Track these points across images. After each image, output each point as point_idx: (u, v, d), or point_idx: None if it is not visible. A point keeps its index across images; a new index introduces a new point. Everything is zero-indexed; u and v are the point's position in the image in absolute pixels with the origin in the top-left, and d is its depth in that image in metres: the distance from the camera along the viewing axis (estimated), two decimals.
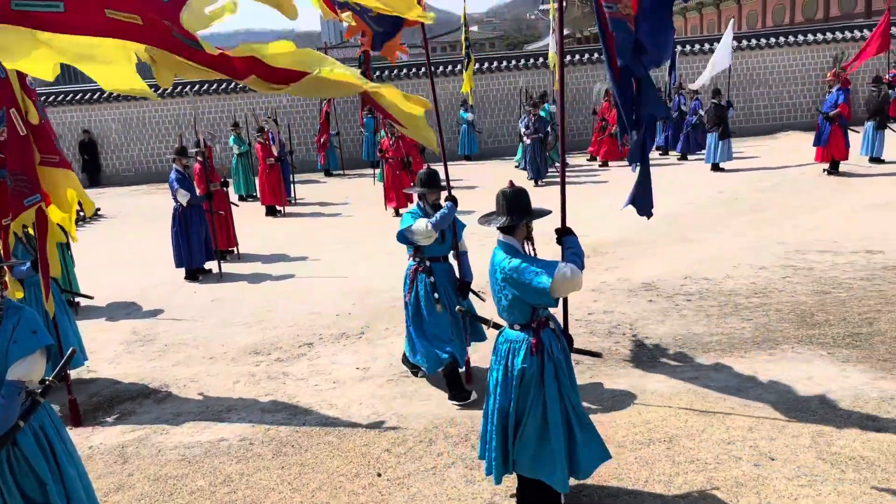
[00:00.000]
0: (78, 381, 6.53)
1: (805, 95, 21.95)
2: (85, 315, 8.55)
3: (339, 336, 7.36)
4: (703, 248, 9.57)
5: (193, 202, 9.95)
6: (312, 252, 11.16)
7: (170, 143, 21.63)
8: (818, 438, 4.63)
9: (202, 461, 5.01)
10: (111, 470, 4.98)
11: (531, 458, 3.92)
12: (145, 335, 7.86)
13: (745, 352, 6.14)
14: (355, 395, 5.92)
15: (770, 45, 21.85)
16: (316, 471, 4.75)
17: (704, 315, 7.10)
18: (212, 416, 5.73)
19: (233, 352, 7.15)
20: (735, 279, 8.11)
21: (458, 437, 5.04)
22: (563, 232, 4.08)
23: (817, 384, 5.41)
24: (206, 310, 8.64)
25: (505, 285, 3.86)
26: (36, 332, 3.53)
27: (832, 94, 14.09)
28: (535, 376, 3.87)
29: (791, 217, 10.93)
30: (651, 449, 4.67)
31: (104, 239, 13.74)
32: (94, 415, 5.92)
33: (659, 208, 12.04)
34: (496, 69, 22.38)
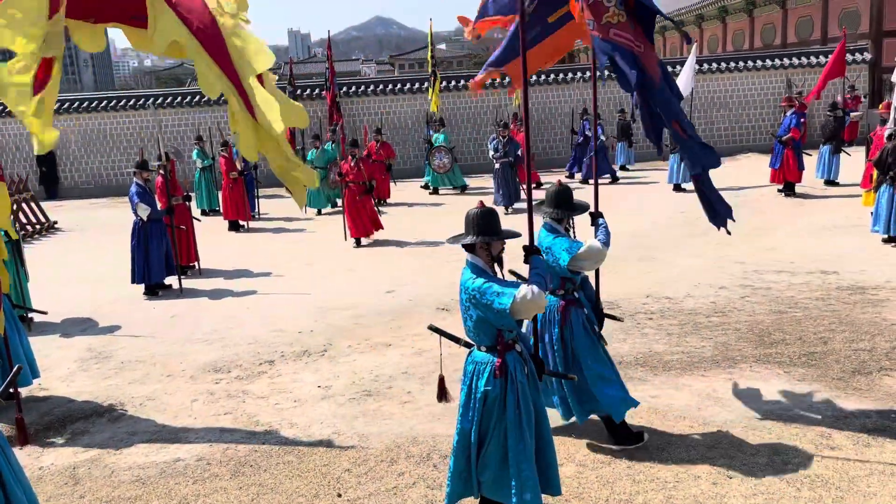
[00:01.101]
0: (29, 399, 6.34)
1: (764, 118, 22.51)
2: (39, 331, 8.32)
3: (300, 354, 7.27)
4: (664, 268, 9.70)
5: (154, 216, 9.79)
6: (275, 268, 11.04)
7: (131, 156, 21.28)
8: (774, 457, 4.70)
9: (157, 482, 4.89)
10: (62, 492, 4.83)
11: (493, 480, 3.90)
12: (101, 352, 7.67)
13: (705, 370, 6.22)
14: (316, 413, 5.84)
15: (730, 69, 22.40)
16: (275, 491, 4.67)
17: (665, 334, 7.18)
18: (168, 436, 5.60)
19: (191, 369, 7.01)
20: (695, 298, 8.24)
21: (420, 457, 4.99)
22: (530, 251, 4.10)
23: (774, 403, 5.50)
24: (164, 326, 8.48)
25: (469, 305, 3.86)
26: None
27: (786, 119, 14.49)
28: (498, 399, 3.86)
29: (749, 237, 11.15)
30: (612, 468, 4.69)
31: (61, 253, 13.42)
32: (45, 434, 5.74)
33: (621, 228, 12.25)
34: (464, 87, 22.52)
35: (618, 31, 4.35)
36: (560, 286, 4.95)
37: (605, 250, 4.78)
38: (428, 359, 6.79)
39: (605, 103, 22.54)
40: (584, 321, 4.98)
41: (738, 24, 31.87)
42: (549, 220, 4.96)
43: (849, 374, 5.92)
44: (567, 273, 4.85)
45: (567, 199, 4.94)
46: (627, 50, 4.36)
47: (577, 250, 4.73)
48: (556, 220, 4.93)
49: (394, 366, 6.77)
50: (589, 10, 4.44)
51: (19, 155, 21.99)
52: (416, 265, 10.69)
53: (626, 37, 4.36)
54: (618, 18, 4.39)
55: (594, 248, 4.74)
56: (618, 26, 4.35)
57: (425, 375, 6.43)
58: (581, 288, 5.07)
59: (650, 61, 4.46)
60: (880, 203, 10.26)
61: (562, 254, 4.77)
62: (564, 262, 4.75)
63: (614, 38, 4.35)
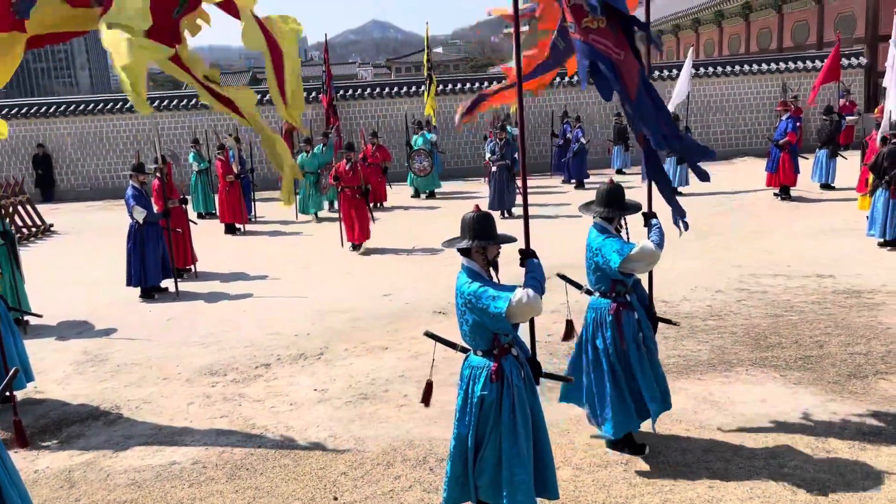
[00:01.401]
0: (25, 402, 6.32)
1: (760, 122, 22.58)
2: (35, 334, 8.30)
3: (297, 357, 7.26)
4: (660, 271, 9.66)
5: (150, 219, 9.77)
6: (272, 271, 11.02)
7: (127, 159, 21.25)
8: (771, 460, 4.70)
9: (153, 485, 4.87)
10: (57, 495, 4.82)
11: (489, 484, 3.90)
12: (97, 355, 7.65)
13: (702, 374, 6.23)
14: (312, 417, 5.84)
15: (726, 73, 22.47)
16: (271, 495, 4.66)
17: (662, 337, 7.16)
18: (164, 439, 5.59)
19: (188, 372, 7.00)
20: (692, 301, 8.25)
21: (416, 460, 4.99)
22: (526, 254, 4.10)
23: (770, 406, 5.51)
24: (160, 329, 8.46)
25: (465, 310, 3.86)
26: None
27: (782, 123, 14.54)
28: (494, 403, 3.86)
29: (746, 241, 11.17)
30: (608, 471, 4.69)
31: (57, 255, 13.39)
32: (40, 437, 5.72)
33: None
34: (460, 91, 22.56)
35: (596, 37, 4.29)
36: (611, 289, 4.82)
37: (658, 252, 4.64)
38: (424, 362, 6.77)
39: (602, 107, 22.59)
40: (635, 328, 4.80)
41: (735, 28, 31.99)
42: (599, 219, 4.83)
43: (845, 378, 5.94)
44: (618, 275, 4.72)
45: (619, 198, 4.84)
46: (606, 56, 4.31)
47: (629, 251, 4.60)
48: (607, 220, 4.82)
49: (390, 369, 6.77)
50: (570, 13, 4.41)
51: (15, 158, 21.94)
52: (413, 269, 10.69)
53: (605, 43, 4.30)
54: (597, 24, 4.32)
55: (647, 250, 4.59)
56: (597, 31, 4.29)
57: (422, 379, 6.39)
58: (632, 291, 4.93)
59: (629, 70, 4.38)
60: (876, 207, 10.29)
61: (612, 255, 4.64)
62: (615, 263, 4.61)
63: (593, 42, 4.30)
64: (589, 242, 4.85)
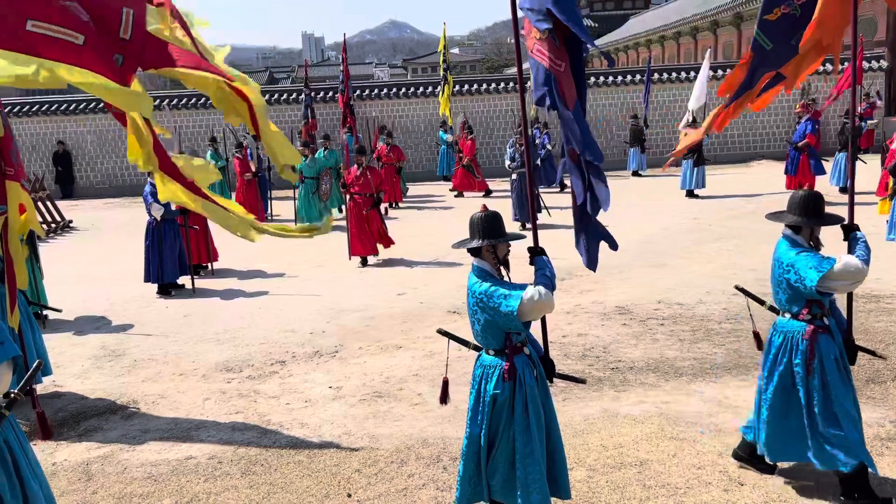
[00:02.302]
0: (44, 395, 6.39)
1: (778, 125, 22.41)
2: (53, 329, 8.40)
3: (312, 354, 7.30)
4: (676, 274, 9.67)
5: (167, 216, 9.86)
6: (287, 269, 11.09)
7: None
8: (786, 464, 4.67)
9: (169, 480, 4.92)
10: (75, 487, 4.87)
11: (502, 484, 3.90)
12: (114, 350, 7.73)
13: (717, 377, 6.19)
14: (327, 414, 5.87)
15: None
16: (285, 491, 4.69)
17: (677, 339, 7.16)
18: (180, 434, 5.64)
19: (204, 368, 7.06)
20: (707, 305, 8.20)
21: (430, 459, 5.00)
22: (535, 252, 4.09)
23: None
24: (177, 325, 8.54)
25: (477, 309, 3.86)
26: (2, 343, 3.46)
27: (801, 125, 14.43)
28: (506, 402, 3.86)
29: (763, 244, 11.07)
30: (622, 473, 4.68)
31: (76, 251, 13.53)
32: (59, 430, 5.79)
33: (633, 233, 12.24)
34: (476, 92, 22.57)
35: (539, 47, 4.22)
36: (805, 309, 4.27)
37: (865, 269, 4.05)
38: (438, 361, 6.79)
39: (618, 109, 22.53)
40: (836, 354, 4.25)
41: (753, 31, 31.73)
42: (790, 230, 4.33)
43: (863, 383, 5.88)
44: (814, 294, 4.16)
45: (817, 208, 4.26)
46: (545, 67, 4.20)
47: (829, 268, 4.05)
48: (797, 231, 4.30)
49: (405, 368, 6.79)
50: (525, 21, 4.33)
51: (36, 154, 22.20)
52: (428, 268, 10.71)
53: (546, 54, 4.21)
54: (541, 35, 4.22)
55: (851, 267, 4.02)
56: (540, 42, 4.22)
57: (436, 378, 6.43)
58: (830, 313, 4.37)
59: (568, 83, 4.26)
60: None
61: (809, 272, 4.10)
62: (812, 281, 4.08)
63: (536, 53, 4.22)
64: (778, 257, 4.37)
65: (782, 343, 4.38)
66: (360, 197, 11.05)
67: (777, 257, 4.39)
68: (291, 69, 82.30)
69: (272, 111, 22.40)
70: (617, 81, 22.60)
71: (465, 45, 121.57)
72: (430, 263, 11.01)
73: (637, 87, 22.17)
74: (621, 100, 22.56)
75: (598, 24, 52.58)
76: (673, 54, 39.83)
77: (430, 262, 11.07)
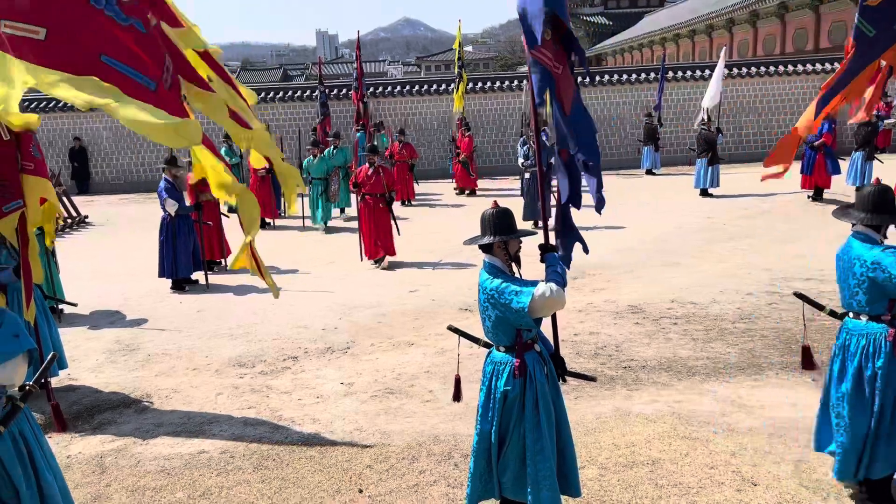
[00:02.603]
0: (59, 388, 6.46)
1: (794, 124, 22.18)
2: (68, 323, 8.47)
3: (324, 350, 7.32)
4: (689, 273, 9.62)
5: (182, 212, 9.92)
6: (300, 265, 11.13)
7: (161, 153, 21.58)
8: (801, 465, 4.64)
9: (181, 473, 4.95)
10: (89, 480, 4.92)
11: (513, 481, 3.90)
12: (128, 344, 7.79)
13: (730, 377, 6.16)
14: (339, 410, 5.88)
15: (760, 73, 22.15)
16: (297, 486, 4.71)
17: (690, 339, 7.12)
18: (193, 428, 5.67)
19: (217, 363, 7.10)
20: (721, 304, 8.15)
21: (442, 455, 5.01)
22: (546, 249, 4.08)
23: (801, 411, 5.42)
24: (191, 320, 8.59)
25: (488, 306, 3.86)
26: (18, 336, 3.50)
27: None
28: (517, 399, 3.85)
29: (777, 244, 11.01)
30: (634, 471, 4.66)
31: (91, 247, 13.64)
32: (73, 423, 5.84)
33: (646, 232, 12.18)
34: (490, 89, 22.54)
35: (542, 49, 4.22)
36: (889, 309, 4.07)
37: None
38: (450, 358, 6.80)
39: (633, 107, 22.43)
40: None
41: (770, 28, 31.51)
42: (862, 227, 4.13)
43: None
44: None
45: (891, 203, 4.08)
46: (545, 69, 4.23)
47: None
48: (874, 228, 4.12)
49: (416, 365, 6.79)
50: None
51: (52, 150, 22.39)
52: (439, 265, 10.71)
53: (547, 55, 4.23)
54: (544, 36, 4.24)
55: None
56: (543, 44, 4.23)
57: (447, 375, 6.44)
58: None
59: (566, 85, 4.29)
60: None
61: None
62: None
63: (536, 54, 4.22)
64: (857, 256, 4.11)
65: (864, 347, 4.11)
66: (372, 197, 10.75)
67: (855, 256, 4.13)
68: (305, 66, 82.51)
69: (286, 108, 22.48)
70: (631, 80, 22.50)
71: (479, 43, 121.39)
72: (442, 260, 11.01)
73: (651, 86, 22.06)
74: (635, 98, 22.46)
75: (612, 22, 52.36)
76: (688, 52, 39.60)
77: (442, 259, 11.07)
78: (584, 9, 53.75)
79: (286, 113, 22.48)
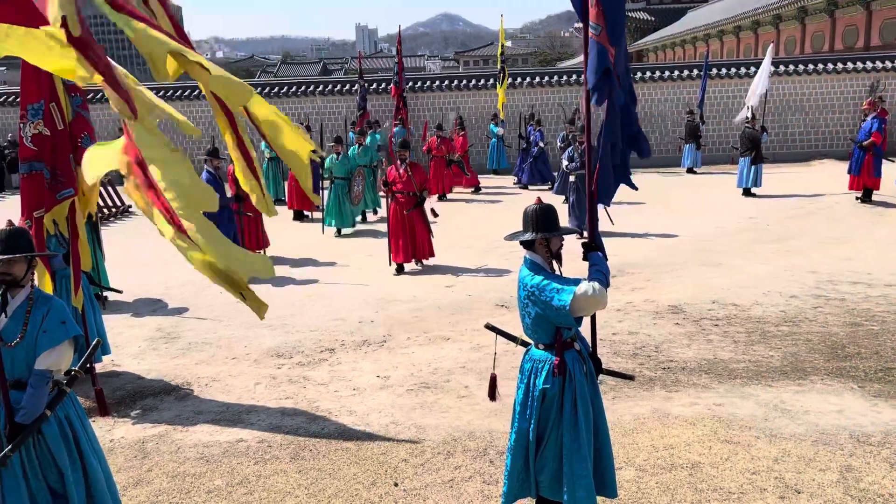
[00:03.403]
0: (102, 374, 6.59)
1: (842, 123, 21.64)
2: (112, 310, 8.65)
3: (360, 343, 7.36)
4: (731, 274, 9.44)
5: (222, 203, 10.03)
6: (337, 258, 11.19)
7: (203, 144, 21.91)
8: (846, 474, 4.51)
9: (220, 461, 5.02)
10: (131, 464, 5.01)
11: (550, 480, 3.86)
12: (170, 332, 7.93)
13: (773, 381, 6.02)
14: (375, 403, 5.90)
15: (808, 71, 21.61)
16: (333, 477, 4.73)
17: (732, 341, 6.98)
18: (232, 417, 5.75)
19: (255, 353, 7.18)
20: (764, 306, 7.98)
21: (477, 452, 4.99)
22: (590, 247, 4.02)
23: (847, 418, 5.28)
24: (230, 310, 8.69)
25: (528, 303, 3.82)
26: (65, 323, 3.57)
27: (867, 123, 13.89)
28: (556, 397, 3.81)
29: (823, 246, 10.74)
30: (673, 474, 4.59)
31: (133, 236, 13.91)
32: (116, 409, 5.96)
33: (687, 231, 11.98)
34: (528, 85, 22.39)
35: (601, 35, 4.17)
36: None
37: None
38: (486, 354, 6.76)
39: (674, 104, 22.08)
40: None
41: (818, 25, 30.72)
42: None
43: None
44: None
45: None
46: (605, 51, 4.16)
47: None
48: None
49: (452, 360, 6.78)
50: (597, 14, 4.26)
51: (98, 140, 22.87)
52: (477, 260, 10.68)
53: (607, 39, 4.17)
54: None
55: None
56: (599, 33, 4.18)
57: (483, 371, 6.42)
58: None
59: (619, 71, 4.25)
60: None
61: None
62: None
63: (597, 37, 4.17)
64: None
65: None
66: (403, 196, 10.08)
67: None
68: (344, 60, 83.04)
69: (325, 102, 22.63)
70: (673, 76, 22.15)
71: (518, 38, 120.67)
72: (479, 256, 10.97)
73: (694, 83, 21.67)
74: (677, 95, 22.10)
75: (654, 18, 51.58)
76: (732, 49, 38.82)
77: (479, 255, 11.03)
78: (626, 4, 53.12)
79: (325, 106, 22.63)
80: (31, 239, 3.80)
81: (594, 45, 4.09)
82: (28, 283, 3.67)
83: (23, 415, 3.44)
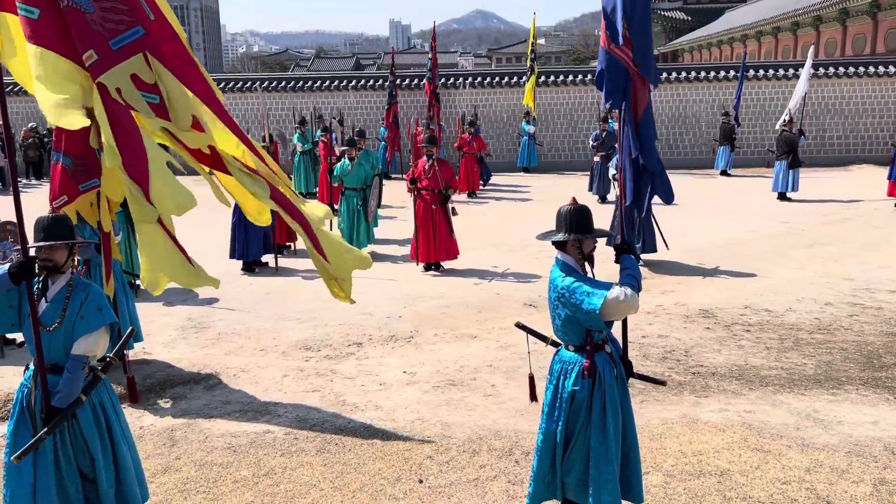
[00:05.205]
0: (134, 361, 6.69)
1: (882, 128, 21.18)
2: (144, 298, 8.77)
3: (388, 338, 7.37)
4: (764, 279, 9.28)
5: None
6: (367, 253, 11.21)
7: None
8: (881, 486, 4.41)
9: (247, 451, 5.06)
10: (160, 452, 5.08)
11: (577, 482, 3.83)
12: (200, 322, 8.02)
13: (806, 389, 5.91)
14: (401, 398, 5.91)
15: (848, 74, 21.17)
16: (358, 471, 4.75)
17: (764, 347, 6.87)
18: (259, 408, 5.80)
19: (284, 345, 7.24)
20: (798, 313, 7.83)
21: (503, 451, 4.97)
22: (621, 249, 3.97)
23: (882, 430, 5.16)
24: (260, 302, 8.78)
25: (558, 304, 3.78)
26: (101, 310, 3.63)
27: None
28: (585, 400, 3.78)
29: (859, 253, 10.51)
30: (701, 481, 4.52)
31: None
32: (146, 396, 6.05)
33: (720, 235, 11.82)
34: (561, 83, 22.25)
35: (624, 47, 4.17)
36: None
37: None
38: (513, 353, 6.75)
39: (709, 105, 21.79)
40: None
41: (860, 27, 30.05)
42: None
43: None
44: None
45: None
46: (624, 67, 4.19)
47: None
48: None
49: (479, 358, 6.77)
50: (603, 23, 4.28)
51: None
52: (505, 258, 10.65)
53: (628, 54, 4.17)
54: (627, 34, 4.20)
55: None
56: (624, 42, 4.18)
57: (510, 370, 6.40)
58: None
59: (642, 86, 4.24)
60: None
61: None
62: None
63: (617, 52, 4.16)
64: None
65: None
66: (429, 193, 9.79)
67: None
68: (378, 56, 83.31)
69: (358, 97, 22.71)
70: (709, 77, 21.85)
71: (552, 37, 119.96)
72: (508, 254, 10.94)
73: (730, 84, 21.37)
74: (712, 96, 21.81)
75: (691, 18, 50.91)
76: (770, 50, 38.17)
77: (508, 253, 11.00)
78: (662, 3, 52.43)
79: (358, 101, 22.71)
80: (73, 226, 3.87)
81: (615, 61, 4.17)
82: (68, 269, 3.74)
83: (59, 398, 3.50)
